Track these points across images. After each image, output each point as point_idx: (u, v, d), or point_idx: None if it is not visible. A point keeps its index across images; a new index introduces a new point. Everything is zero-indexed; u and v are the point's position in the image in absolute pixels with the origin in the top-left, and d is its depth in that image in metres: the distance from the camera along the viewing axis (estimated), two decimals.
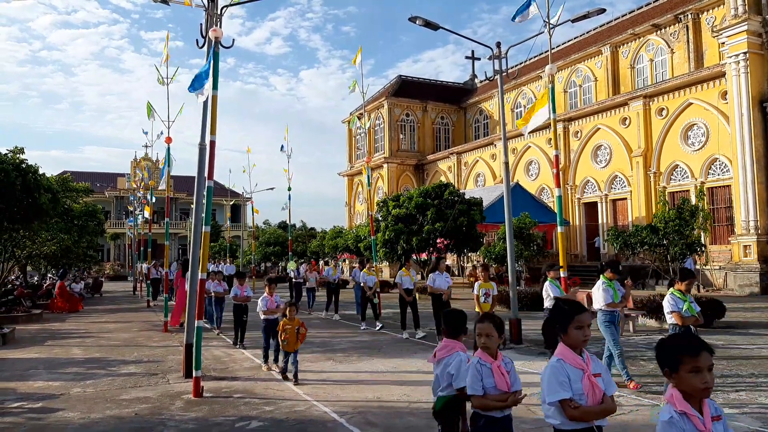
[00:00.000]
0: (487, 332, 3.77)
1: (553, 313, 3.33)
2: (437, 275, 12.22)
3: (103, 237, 43.05)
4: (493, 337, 3.75)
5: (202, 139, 9.34)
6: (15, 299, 20.91)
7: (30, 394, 8.38)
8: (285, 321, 8.66)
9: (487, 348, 3.75)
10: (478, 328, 3.80)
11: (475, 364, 3.71)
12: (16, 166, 16.35)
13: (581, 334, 3.20)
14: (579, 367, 3.14)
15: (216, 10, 8.94)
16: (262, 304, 9.49)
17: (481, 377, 3.65)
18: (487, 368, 3.68)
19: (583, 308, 3.28)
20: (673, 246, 16.97)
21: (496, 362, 3.72)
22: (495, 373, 3.67)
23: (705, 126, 27.14)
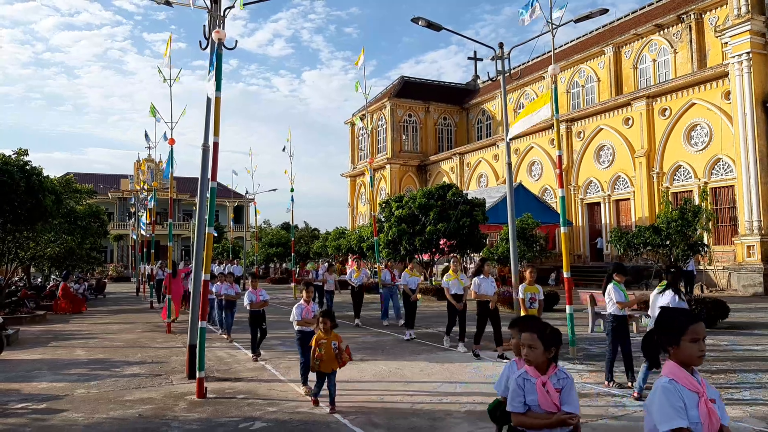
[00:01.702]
0: (530, 343, 3.34)
1: (663, 323, 2.84)
2: (482, 279, 10.77)
3: (107, 238, 43.10)
4: (537, 349, 3.31)
5: (206, 141, 9.36)
6: (19, 300, 20.95)
7: (34, 395, 8.40)
8: (320, 335, 7.13)
9: (528, 361, 3.33)
10: (521, 339, 3.42)
11: (517, 377, 3.33)
12: (21, 167, 16.41)
13: (697, 348, 2.72)
14: (694, 390, 2.66)
15: (219, 12, 8.96)
16: (297, 312, 8.25)
17: (523, 393, 3.26)
18: (531, 383, 3.27)
19: (698, 317, 2.84)
20: (676, 247, 16.92)
21: (543, 378, 3.27)
22: (539, 391, 3.24)
23: (708, 126, 27.10)
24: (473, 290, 10.73)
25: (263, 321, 11.03)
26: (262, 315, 11.05)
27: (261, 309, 11.02)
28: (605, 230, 32.02)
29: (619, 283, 8.28)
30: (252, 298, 10.89)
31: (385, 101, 49.36)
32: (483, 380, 8.77)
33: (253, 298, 10.90)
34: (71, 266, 27.17)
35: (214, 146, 8.61)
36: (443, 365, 9.94)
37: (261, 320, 10.99)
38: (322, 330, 7.12)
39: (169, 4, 10.19)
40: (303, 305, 8.29)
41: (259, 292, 11.06)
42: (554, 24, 11.22)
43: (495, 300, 10.75)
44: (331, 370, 7.09)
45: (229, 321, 13.88)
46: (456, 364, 10.05)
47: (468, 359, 10.48)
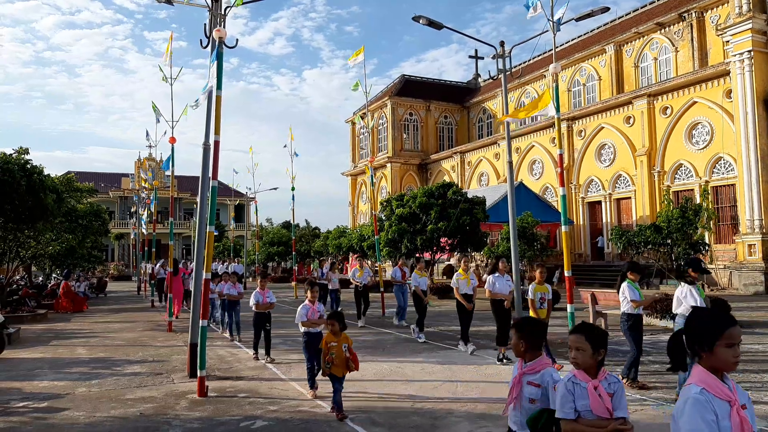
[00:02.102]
0: (578, 345, 3.18)
1: (695, 325, 2.58)
2: (497, 278, 10.36)
3: (108, 237, 43.12)
4: (586, 352, 3.15)
5: (207, 139, 9.35)
6: (20, 299, 20.99)
7: (35, 393, 8.41)
8: (329, 336, 6.87)
9: (577, 364, 3.19)
10: (569, 341, 3.27)
11: (566, 382, 3.18)
12: (21, 166, 16.42)
13: (732, 354, 2.48)
14: (726, 399, 2.45)
15: (220, 10, 8.95)
16: (302, 313, 7.88)
17: (573, 398, 3.11)
18: (582, 388, 3.12)
19: (734, 320, 2.60)
20: (677, 245, 16.95)
21: (594, 382, 3.12)
22: (590, 395, 3.09)
23: (709, 125, 27.07)
24: (487, 289, 10.34)
25: (267, 322, 10.67)
26: (267, 316, 10.70)
27: (267, 311, 10.67)
28: (606, 229, 32.00)
29: (633, 282, 8.18)
30: (258, 298, 10.55)
31: (385, 100, 49.34)
32: (484, 379, 8.77)
33: (259, 299, 10.55)
34: (72, 265, 27.21)
35: (215, 145, 8.61)
36: (444, 364, 9.95)
37: (265, 321, 10.64)
38: (330, 332, 6.84)
39: (170, 3, 10.18)
40: (308, 305, 7.99)
41: (267, 293, 10.67)
42: (555, 22, 11.20)
43: (510, 299, 10.34)
44: (342, 374, 6.79)
45: (235, 320, 13.49)
46: (457, 362, 10.05)
47: (469, 359, 10.47)
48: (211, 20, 9.01)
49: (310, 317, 7.92)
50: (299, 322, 7.91)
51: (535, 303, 9.16)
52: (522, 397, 3.58)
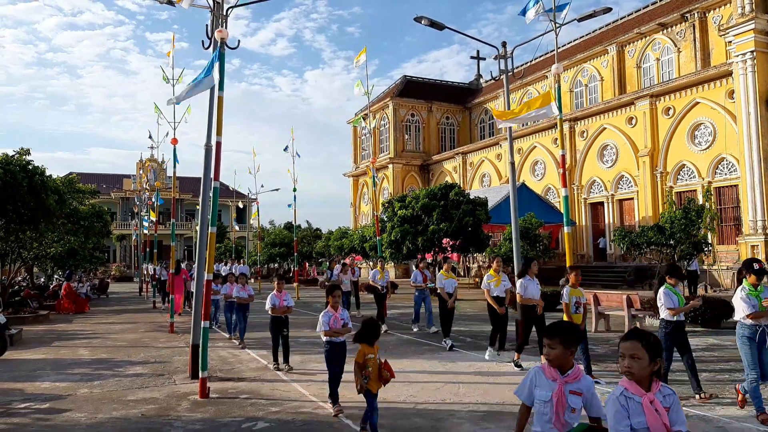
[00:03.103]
0: (632, 353, 2.91)
1: None
2: (528, 281, 9.69)
3: (109, 238, 43.17)
4: (642, 360, 2.89)
5: (208, 140, 9.34)
6: (22, 300, 20.99)
7: (37, 394, 8.41)
8: (367, 348, 6.10)
9: (631, 374, 2.92)
10: (620, 348, 3.00)
11: (618, 396, 2.91)
12: (23, 167, 16.43)
13: None
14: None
15: (221, 11, 8.94)
16: (325, 321, 7.05)
17: (627, 414, 2.85)
18: (636, 402, 2.88)
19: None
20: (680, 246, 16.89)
21: (649, 395, 2.88)
22: (647, 410, 2.84)
23: (712, 125, 27.02)
24: (519, 293, 9.66)
25: (285, 327, 9.97)
26: (284, 321, 10.00)
27: (284, 315, 10.00)
28: (608, 230, 31.97)
29: (672, 287, 7.51)
30: (275, 302, 9.88)
31: (387, 101, 49.35)
32: (486, 381, 8.75)
33: (276, 302, 9.88)
34: (74, 266, 27.21)
35: (217, 146, 8.60)
36: (446, 365, 9.92)
37: (283, 326, 9.95)
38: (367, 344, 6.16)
39: (172, 4, 10.17)
40: (330, 312, 7.13)
41: (284, 295, 10.00)
42: (557, 23, 11.18)
43: (542, 304, 9.75)
44: (377, 389, 6.15)
45: (242, 325, 12.86)
46: (459, 364, 10.02)
47: (471, 359, 10.45)
48: (213, 21, 9.01)
49: (333, 326, 7.06)
50: (321, 331, 7.06)
51: (570, 307, 8.67)
52: (562, 407, 3.35)
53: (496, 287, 10.45)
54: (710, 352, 10.79)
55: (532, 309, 9.62)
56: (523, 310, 9.70)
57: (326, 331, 7.03)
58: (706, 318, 13.86)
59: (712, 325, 13.81)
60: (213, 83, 8.61)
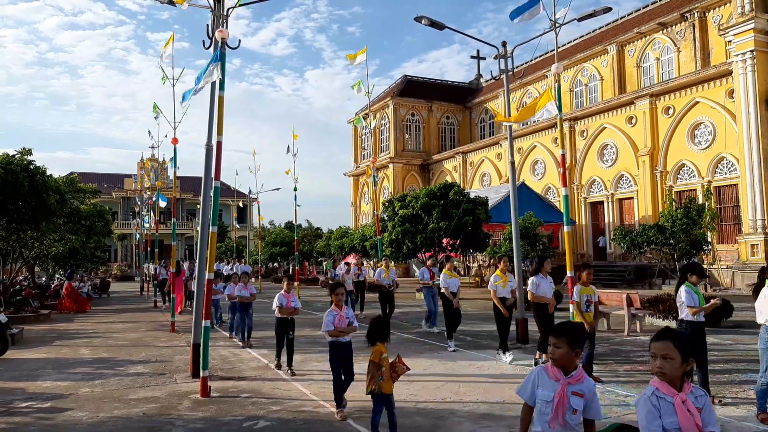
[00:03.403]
0: (664, 353, 2.88)
1: None
2: (541, 279, 9.59)
3: (111, 238, 43.21)
4: (674, 361, 2.86)
5: (209, 140, 9.37)
6: (23, 300, 21.02)
7: (39, 393, 8.44)
8: (381, 348, 5.96)
9: (663, 374, 2.88)
10: (652, 348, 2.95)
11: (649, 396, 2.88)
12: (24, 167, 16.47)
13: None
14: None
15: (222, 11, 8.96)
16: (329, 321, 6.82)
17: (659, 414, 2.81)
18: (668, 403, 2.83)
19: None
20: (679, 245, 16.93)
21: (681, 395, 2.83)
22: (679, 411, 2.80)
23: (712, 125, 27.04)
24: (531, 291, 9.54)
25: (291, 329, 9.57)
26: (290, 322, 9.61)
27: (291, 317, 9.60)
28: (608, 229, 32.00)
29: (693, 285, 7.35)
30: (282, 302, 9.46)
31: (387, 100, 49.37)
32: (486, 379, 8.78)
33: (283, 302, 9.47)
34: (75, 265, 27.25)
35: (218, 145, 8.62)
36: (446, 364, 9.94)
37: (288, 328, 9.55)
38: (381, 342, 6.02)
39: (173, 4, 10.19)
40: (335, 311, 6.89)
41: (292, 296, 9.60)
42: (557, 22, 11.21)
43: (554, 303, 9.60)
44: (391, 390, 5.96)
45: (247, 325, 12.66)
46: (459, 362, 10.05)
47: (471, 358, 10.47)
48: (214, 21, 9.03)
49: (338, 325, 6.82)
50: (325, 331, 6.83)
51: (581, 306, 8.47)
52: (564, 408, 3.33)
53: (503, 288, 10.26)
54: (710, 351, 10.80)
55: (544, 307, 9.52)
56: (535, 308, 9.63)
57: (331, 330, 6.79)
58: (705, 317, 13.85)
59: (711, 324, 13.80)
60: (215, 77, 8.62)
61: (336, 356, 6.84)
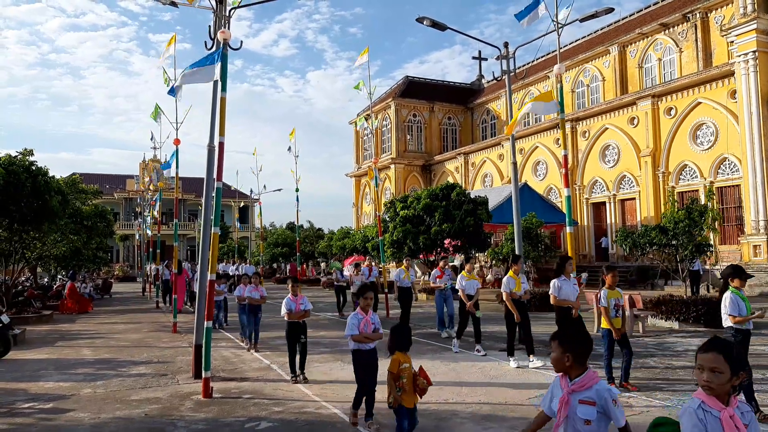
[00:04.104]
0: (712, 365, 2.70)
1: None
2: (563, 281, 9.02)
3: (113, 238, 43.24)
4: (723, 375, 2.68)
5: (211, 141, 9.38)
6: (25, 300, 21.04)
7: (41, 394, 8.44)
8: (401, 357, 5.53)
9: (710, 389, 2.70)
10: (699, 359, 2.77)
11: (695, 410, 2.71)
12: (26, 168, 16.47)
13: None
14: None
15: (224, 12, 8.97)
16: (353, 324, 6.41)
17: (705, 428, 2.67)
18: (714, 417, 2.67)
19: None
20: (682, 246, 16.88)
21: (728, 410, 2.68)
22: (726, 427, 2.66)
23: (714, 125, 27.01)
24: (552, 294, 9.00)
25: (303, 333, 8.97)
26: (302, 327, 9.00)
27: (302, 320, 9.01)
28: (610, 230, 31.97)
29: (737, 290, 6.88)
30: (291, 306, 8.88)
31: (389, 101, 49.38)
32: (488, 381, 8.76)
33: (292, 306, 8.88)
34: (77, 266, 27.27)
35: (220, 146, 8.62)
36: (448, 365, 9.93)
37: (300, 332, 8.95)
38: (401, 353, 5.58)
39: (175, 5, 10.21)
40: (360, 315, 6.46)
41: (301, 299, 9.01)
42: (560, 23, 11.20)
43: (578, 306, 9.08)
44: (414, 404, 5.55)
45: (254, 329, 12.18)
46: (461, 364, 10.03)
47: (474, 359, 10.45)
48: (216, 22, 9.04)
49: (363, 330, 6.39)
50: (349, 336, 6.42)
51: (609, 311, 7.92)
52: (573, 418, 3.13)
53: (518, 290, 9.86)
54: None
55: (567, 311, 8.96)
56: (557, 313, 9.18)
57: (355, 335, 6.38)
58: (708, 318, 13.84)
59: (714, 325, 13.79)
60: (213, 77, 8.61)
61: (360, 365, 6.43)
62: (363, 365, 6.41)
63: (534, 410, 6.96)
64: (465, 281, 11.32)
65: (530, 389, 8.10)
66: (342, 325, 16.02)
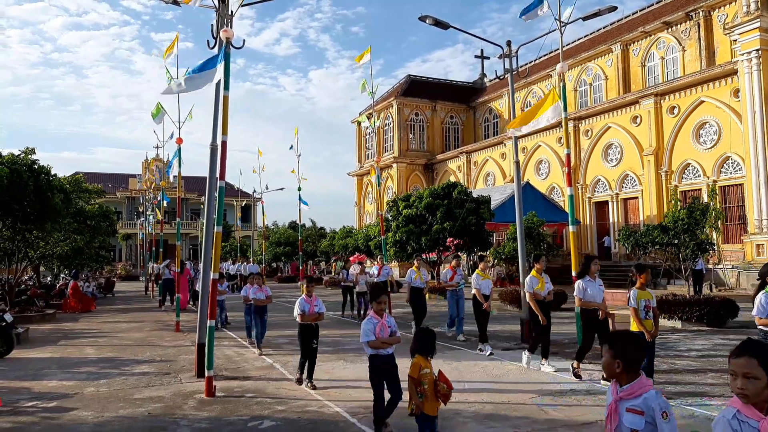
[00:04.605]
0: (745, 371, 2.49)
1: None
2: (588, 282, 8.56)
3: (115, 237, 43.30)
4: (759, 381, 2.46)
5: (214, 140, 9.39)
6: (28, 299, 21.10)
7: (44, 393, 8.45)
8: (422, 362, 5.30)
9: (745, 396, 2.48)
10: (732, 365, 2.56)
11: (730, 419, 2.50)
12: (29, 166, 16.51)
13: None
14: None
15: (227, 11, 8.97)
16: (369, 329, 6.02)
17: None
18: (751, 428, 2.45)
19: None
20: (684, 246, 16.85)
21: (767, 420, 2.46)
22: None
23: (717, 124, 26.94)
24: (577, 296, 8.63)
25: (315, 338, 8.51)
26: (314, 330, 8.52)
27: (315, 323, 8.52)
28: (613, 229, 31.92)
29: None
30: (305, 307, 8.37)
31: (391, 100, 49.36)
32: (491, 380, 8.76)
33: (306, 308, 8.37)
34: (80, 265, 27.32)
35: (223, 145, 8.62)
36: (451, 364, 9.92)
37: (312, 336, 8.47)
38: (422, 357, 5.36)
39: (177, 4, 10.24)
40: (375, 319, 6.10)
41: (315, 300, 8.51)
42: (562, 22, 11.18)
43: (605, 308, 8.59)
44: (436, 412, 5.28)
45: (260, 330, 11.77)
46: (464, 363, 10.03)
47: (476, 358, 10.45)
48: (218, 21, 9.04)
49: (379, 335, 6.03)
50: (365, 342, 6.05)
51: (639, 312, 7.40)
52: (621, 427, 3.01)
53: (541, 291, 9.36)
54: (716, 352, 10.77)
55: (594, 314, 8.50)
56: (582, 315, 8.73)
57: (372, 341, 6.00)
58: (711, 317, 13.82)
59: (717, 324, 13.79)
60: (216, 78, 8.61)
61: (378, 371, 6.05)
62: (381, 371, 6.05)
63: (537, 410, 6.97)
64: (480, 280, 11.08)
65: (533, 388, 8.10)
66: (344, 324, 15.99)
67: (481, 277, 11.11)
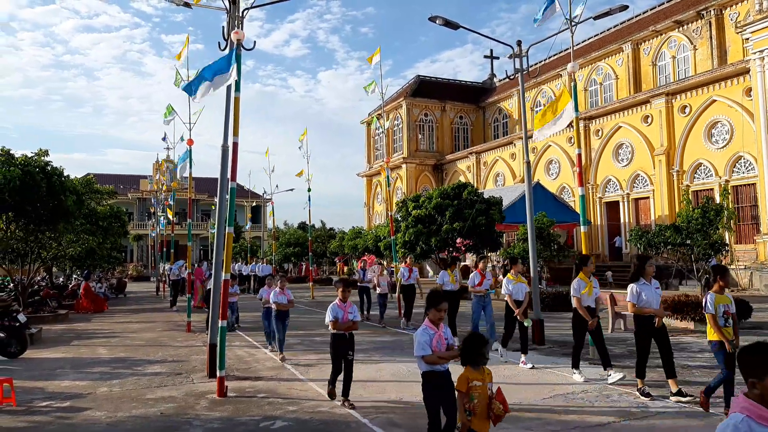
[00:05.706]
0: None
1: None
2: (643, 286, 7.63)
3: (127, 238, 43.58)
4: None
5: (225, 141, 9.42)
6: (41, 300, 21.25)
7: (57, 393, 8.52)
8: (471, 373, 4.67)
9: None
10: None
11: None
12: (42, 168, 16.63)
13: None
14: None
15: (237, 12, 9.01)
16: (424, 342, 5.06)
17: None
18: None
19: None
20: (697, 246, 16.75)
21: None
22: None
23: (729, 123, 26.75)
24: (630, 301, 7.63)
25: (351, 349, 7.39)
26: (349, 340, 7.41)
27: (349, 332, 7.42)
28: (624, 229, 31.76)
29: None
30: (338, 314, 7.34)
31: (401, 101, 49.36)
32: (501, 381, 8.72)
33: (339, 314, 7.34)
34: (92, 266, 27.51)
35: (234, 146, 8.65)
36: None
37: (348, 347, 7.36)
38: (472, 367, 4.69)
39: (188, 6, 10.28)
40: (432, 330, 5.12)
41: (349, 307, 7.46)
42: (573, 21, 11.14)
43: (662, 314, 7.74)
44: (487, 429, 4.70)
45: (281, 336, 10.89)
46: None
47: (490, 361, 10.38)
48: (229, 23, 9.08)
49: (436, 348, 5.08)
50: (420, 356, 5.11)
51: (717, 318, 6.63)
52: None
53: (589, 296, 8.55)
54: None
55: (648, 320, 7.57)
56: (637, 322, 7.75)
57: (428, 356, 5.05)
58: None
59: None
60: (228, 81, 8.64)
61: (433, 391, 5.12)
62: (437, 389, 5.12)
63: (549, 411, 6.94)
64: (512, 285, 10.16)
65: (544, 389, 8.07)
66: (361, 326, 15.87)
67: (512, 281, 10.20)
